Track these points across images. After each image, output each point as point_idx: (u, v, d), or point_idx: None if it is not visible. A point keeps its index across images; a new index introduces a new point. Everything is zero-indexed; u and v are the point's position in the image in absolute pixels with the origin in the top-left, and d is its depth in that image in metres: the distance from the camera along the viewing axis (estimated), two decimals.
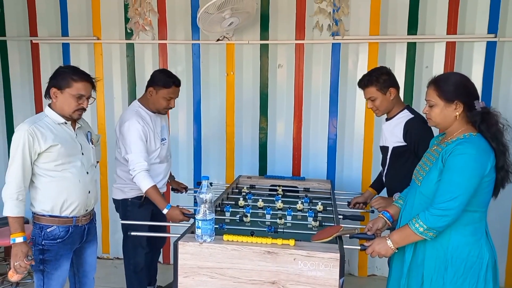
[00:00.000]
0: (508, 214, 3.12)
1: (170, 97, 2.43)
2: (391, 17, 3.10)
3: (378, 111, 2.29)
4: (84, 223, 2.07)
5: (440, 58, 3.08)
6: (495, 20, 2.99)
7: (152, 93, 2.43)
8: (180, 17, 3.33)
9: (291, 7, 3.20)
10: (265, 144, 3.40)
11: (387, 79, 2.22)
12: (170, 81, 2.41)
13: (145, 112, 2.47)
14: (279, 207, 2.26)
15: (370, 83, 2.23)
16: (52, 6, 3.46)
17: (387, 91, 2.21)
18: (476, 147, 1.55)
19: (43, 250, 1.95)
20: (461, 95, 1.60)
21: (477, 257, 1.58)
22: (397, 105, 2.27)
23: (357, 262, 3.37)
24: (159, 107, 2.45)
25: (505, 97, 3.04)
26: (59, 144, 1.91)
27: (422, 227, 1.56)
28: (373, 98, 2.24)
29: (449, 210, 1.52)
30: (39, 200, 1.95)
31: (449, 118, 1.63)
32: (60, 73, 1.95)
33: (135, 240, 2.48)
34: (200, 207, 1.65)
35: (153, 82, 2.44)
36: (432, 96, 1.64)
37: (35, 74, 3.58)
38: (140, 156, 2.33)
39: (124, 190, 2.47)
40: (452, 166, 1.54)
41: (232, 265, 1.63)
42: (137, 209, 2.45)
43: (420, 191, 1.67)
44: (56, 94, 1.94)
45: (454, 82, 1.62)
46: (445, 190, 1.54)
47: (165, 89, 2.40)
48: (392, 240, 1.64)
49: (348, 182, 3.29)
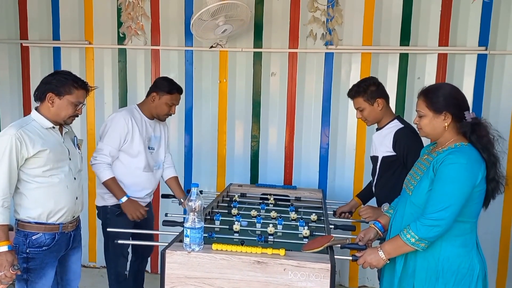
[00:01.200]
0: (498, 226, 3.12)
1: (172, 103, 2.46)
2: (384, 28, 3.13)
3: (367, 121, 2.31)
4: (70, 229, 2.02)
5: (432, 69, 3.11)
6: (485, 34, 3.03)
7: (155, 98, 2.44)
8: (174, 23, 3.32)
9: (285, 16, 3.21)
10: (257, 153, 3.37)
11: (375, 90, 2.24)
12: (173, 88, 2.45)
13: (139, 115, 2.46)
14: (273, 216, 2.23)
15: (357, 93, 2.25)
16: (44, 9, 3.43)
17: (374, 101, 2.23)
18: (467, 156, 1.55)
19: (27, 259, 1.89)
20: (450, 106, 1.61)
21: (468, 269, 1.57)
22: (386, 115, 2.28)
23: (347, 273, 3.34)
24: (160, 113, 2.46)
25: (495, 109, 3.06)
26: (47, 149, 1.87)
27: (413, 238, 1.54)
28: (361, 109, 2.26)
29: (440, 220, 1.50)
30: (25, 206, 1.89)
31: (439, 128, 1.63)
32: (59, 79, 1.92)
33: (117, 249, 2.41)
34: (189, 215, 1.61)
35: (156, 87, 2.46)
36: (422, 106, 1.65)
37: (24, 78, 3.53)
38: (108, 149, 2.34)
39: (104, 197, 2.43)
40: (443, 176, 1.54)
41: (220, 275, 1.59)
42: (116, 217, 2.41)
43: (411, 200, 1.66)
44: (53, 99, 1.91)
45: (443, 93, 1.63)
46: (436, 200, 1.53)
47: (168, 95, 2.43)
48: (384, 251, 1.62)
49: (339, 191, 3.27)
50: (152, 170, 2.53)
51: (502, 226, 3.12)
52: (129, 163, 2.42)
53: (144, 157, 2.45)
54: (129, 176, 2.42)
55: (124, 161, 2.41)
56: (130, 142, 2.39)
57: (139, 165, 2.44)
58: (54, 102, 1.91)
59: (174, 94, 2.45)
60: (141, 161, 2.44)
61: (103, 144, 2.36)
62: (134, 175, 2.43)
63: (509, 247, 3.15)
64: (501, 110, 3.06)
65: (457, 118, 1.60)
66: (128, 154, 2.41)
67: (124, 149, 2.40)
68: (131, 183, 2.43)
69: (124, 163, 2.42)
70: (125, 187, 2.41)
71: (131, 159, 2.42)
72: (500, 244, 3.15)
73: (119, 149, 2.39)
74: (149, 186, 2.52)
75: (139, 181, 2.46)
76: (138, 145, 2.42)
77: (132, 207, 2.34)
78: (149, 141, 2.49)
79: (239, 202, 2.53)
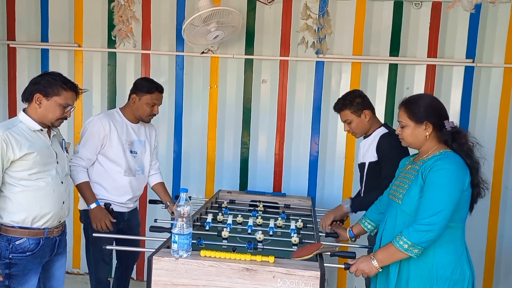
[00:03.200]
0: (484, 231, 3.17)
1: (153, 103, 2.40)
2: (374, 38, 3.17)
3: (355, 133, 2.33)
4: (55, 234, 1.96)
5: (421, 80, 3.16)
6: (473, 46, 3.10)
7: (135, 99, 2.40)
8: (165, 28, 3.31)
9: (277, 23, 3.23)
10: (246, 159, 3.36)
11: (361, 102, 2.26)
12: (153, 87, 2.39)
13: (120, 117, 2.42)
14: (258, 223, 2.21)
15: (344, 106, 2.27)
16: (32, 10, 3.37)
17: (361, 113, 2.25)
18: (454, 162, 1.59)
19: (10, 264, 1.82)
20: (430, 116, 1.65)
21: (460, 275, 1.59)
22: (373, 125, 2.31)
23: (336, 280, 3.34)
24: (142, 114, 2.41)
25: (482, 119, 3.13)
26: (35, 152, 1.82)
27: (406, 244, 1.54)
28: (349, 121, 2.28)
29: (433, 225, 1.52)
30: (9, 210, 1.83)
31: (420, 138, 1.67)
32: (48, 80, 1.87)
33: (97, 254, 2.36)
34: (177, 221, 1.58)
35: (136, 88, 2.42)
36: (403, 117, 1.70)
37: (10, 79, 3.45)
38: (84, 153, 2.31)
39: None
40: (433, 182, 1.56)
41: (208, 282, 1.56)
42: None
43: (401, 209, 1.67)
44: (40, 100, 1.86)
45: (423, 104, 1.68)
46: (427, 206, 1.55)
47: (148, 94, 2.38)
48: (377, 259, 1.62)
49: (328, 199, 3.27)
50: (134, 174, 2.46)
51: (488, 232, 3.17)
52: (109, 167, 2.37)
53: (124, 161, 2.39)
54: (109, 179, 2.38)
55: (104, 164, 2.37)
56: (108, 146, 2.35)
57: (119, 168, 2.39)
58: (42, 103, 1.86)
59: (154, 93, 2.39)
60: (121, 164, 2.39)
61: (79, 147, 2.33)
62: (114, 179, 2.39)
63: (495, 253, 3.20)
64: (487, 120, 3.12)
65: (437, 127, 1.65)
66: (107, 157, 2.37)
67: (103, 152, 2.36)
68: (112, 187, 2.38)
69: (104, 167, 2.37)
70: (106, 191, 2.37)
71: (110, 163, 2.37)
72: (487, 250, 3.20)
73: (96, 152, 2.35)
74: (131, 191, 2.46)
75: (120, 185, 2.40)
76: (116, 148, 2.37)
77: (99, 216, 2.26)
78: (131, 145, 2.44)
79: (229, 208, 2.51)
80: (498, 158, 3.12)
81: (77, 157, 2.31)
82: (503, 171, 3.12)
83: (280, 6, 3.21)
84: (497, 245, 3.19)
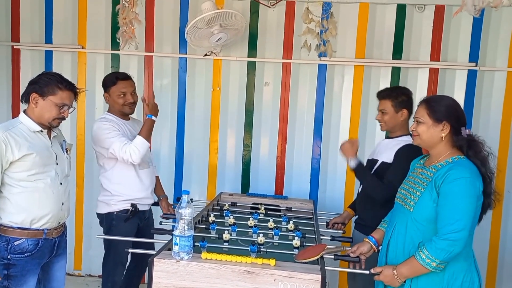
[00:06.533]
0: (487, 236, 3.14)
1: (121, 92, 2.37)
2: (377, 41, 3.17)
3: (384, 125, 2.28)
4: (55, 236, 1.96)
5: (424, 83, 3.15)
6: (475, 50, 3.09)
7: (107, 97, 2.42)
8: (168, 30, 3.32)
9: (280, 26, 3.23)
10: (248, 162, 3.36)
11: (405, 100, 2.25)
12: (113, 77, 2.39)
13: (114, 118, 2.41)
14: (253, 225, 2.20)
15: (388, 96, 2.25)
16: (36, 12, 3.39)
17: (400, 110, 2.23)
18: (469, 170, 1.56)
19: (8, 265, 1.83)
20: (450, 117, 1.63)
21: (469, 282, 1.59)
22: (403, 128, 2.28)
23: (337, 284, 3.32)
24: (119, 108, 2.40)
25: (485, 124, 3.11)
26: (34, 153, 1.82)
27: (434, 262, 1.52)
28: (385, 112, 2.25)
29: (458, 241, 1.50)
30: (8, 211, 1.84)
31: (436, 138, 1.64)
32: (44, 79, 1.87)
33: (117, 257, 2.36)
34: (178, 223, 1.58)
35: (103, 87, 2.43)
36: (422, 114, 1.66)
37: (14, 81, 3.47)
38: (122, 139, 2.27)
39: (110, 203, 2.37)
40: (451, 193, 1.53)
41: (209, 285, 1.56)
42: (123, 223, 2.35)
43: (413, 217, 1.65)
44: (36, 99, 1.86)
45: (445, 103, 1.66)
46: (450, 219, 1.52)
47: (113, 86, 2.37)
48: (399, 273, 1.60)
49: (330, 202, 3.27)
50: (148, 166, 2.50)
51: (490, 236, 3.15)
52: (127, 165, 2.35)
53: None
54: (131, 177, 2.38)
55: (122, 163, 2.35)
56: None
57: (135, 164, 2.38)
58: (38, 103, 1.86)
59: (118, 83, 2.35)
60: None
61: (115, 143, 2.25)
62: (134, 175, 2.39)
63: (498, 257, 3.18)
64: (491, 124, 3.11)
65: (454, 131, 1.62)
66: None
67: None
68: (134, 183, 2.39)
69: (122, 166, 2.35)
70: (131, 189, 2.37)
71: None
72: (489, 257, 3.18)
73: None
74: (150, 184, 2.48)
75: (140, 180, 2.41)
76: None
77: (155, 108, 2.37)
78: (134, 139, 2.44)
79: (230, 211, 2.50)
80: (501, 162, 3.09)
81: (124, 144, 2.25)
82: (506, 176, 3.11)
83: (283, 8, 3.22)
84: (499, 249, 3.17)
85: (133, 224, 2.39)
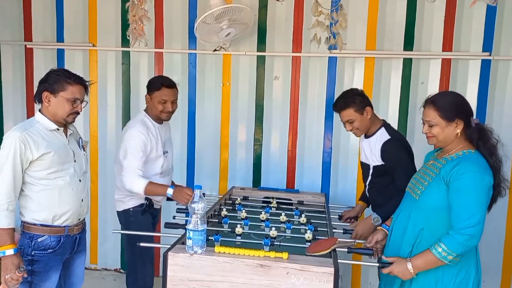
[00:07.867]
0: (503, 230, 3.09)
1: (163, 99, 2.37)
2: (388, 33, 3.13)
3: (358, 131, 2.27)
4: (76, 232, 2.00)
5: (436, 74, 3.10)
6: (489, 39, 3.03)
7: (148, 99, 2.43)
8: (177, 26, 3.33)
9: (289, 20, 3.21)
10: (259, 156, 3.36)
11: (362, 99, 2.24)
12: (159, 83, 2.37)
13: (151, 122, 2.42)
14: (275, 219, 2.22)
15: (346, 105, 2.22)
16: (48, 11, 3.44)
17: (363, 111, 2.23)
18: (476, 164, 1.57)
19: (32, 261, 1.87)
20: (461, 113, 1.63)
21: (466, 272, 1.61)
22: (374, 123, 2.28)
23: (350, 278, 3.32)
24: (156, 113, 2.41)
25: (499, 114, 3.06)
26: (52, 151, 1.85)
27: (451, 255, 1.53)
28: (351, 120, 2.24)
29: (475, 234, 1.51)
30: (31, 209, 1.88)
31: (451, 136, 1.65)
32: (53, 77, 1.89)
33: (144, 255, 2.37)
34: (191, 217, 1.60)
35: (147, 88, 2.44)
36: (433, 116, 1.65)
37: (28, 80, 3.53)
38: (136, 165, 2.28)
39: (124, 201, 2.41)
40: (462, 188, 1.54)
41: (223, 278, 1.58)
42: (141, 217, 2.39)
43: (418, 205, 1.67)
44: (48, 98, 1.88)
45: (453, 101, 1.66)
46: (465, 213, 1.53)
47: (157, 91, 2.37)
48: (414, 265, 1.60)
49: (342, 195, 3.26)
50: (169, 174, 2.53)
51: (506, 230, 3.10)
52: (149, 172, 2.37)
53: (162, 163, 2.43)
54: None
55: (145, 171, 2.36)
56: (150, 153, 2.36)
57: (158, 171, 2.42)
58: (50, 101, 1.88)
59: (162, 89, 2.34)
60: (158, 167, 2.42)
61: (129, 162, 2.28)
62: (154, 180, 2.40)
63: None
64: (505, 115, 3.05)
65: (466, 125, 1.63)
66: (150, 163, 2.38)
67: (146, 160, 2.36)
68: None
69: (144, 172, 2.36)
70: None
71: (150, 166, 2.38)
72: (505, 249, 3.12)
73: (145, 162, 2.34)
74: None
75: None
76: (156, 153, 2.39)
77: (180, 194, 2.22)
78: (164, 146, 2.47)
79: (242, 205, 2.52)
80: None
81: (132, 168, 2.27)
82: None
83: (291, 2, 3.20)
84: None
85: (148, 218, 2.42)
